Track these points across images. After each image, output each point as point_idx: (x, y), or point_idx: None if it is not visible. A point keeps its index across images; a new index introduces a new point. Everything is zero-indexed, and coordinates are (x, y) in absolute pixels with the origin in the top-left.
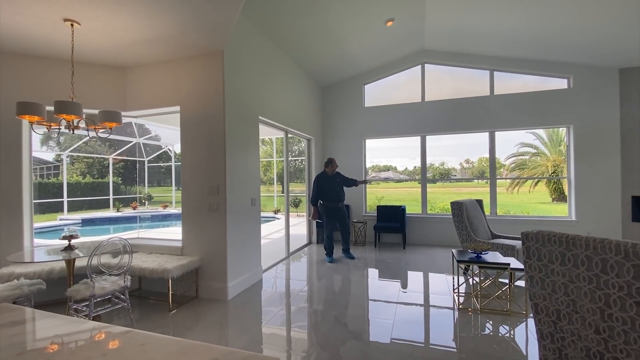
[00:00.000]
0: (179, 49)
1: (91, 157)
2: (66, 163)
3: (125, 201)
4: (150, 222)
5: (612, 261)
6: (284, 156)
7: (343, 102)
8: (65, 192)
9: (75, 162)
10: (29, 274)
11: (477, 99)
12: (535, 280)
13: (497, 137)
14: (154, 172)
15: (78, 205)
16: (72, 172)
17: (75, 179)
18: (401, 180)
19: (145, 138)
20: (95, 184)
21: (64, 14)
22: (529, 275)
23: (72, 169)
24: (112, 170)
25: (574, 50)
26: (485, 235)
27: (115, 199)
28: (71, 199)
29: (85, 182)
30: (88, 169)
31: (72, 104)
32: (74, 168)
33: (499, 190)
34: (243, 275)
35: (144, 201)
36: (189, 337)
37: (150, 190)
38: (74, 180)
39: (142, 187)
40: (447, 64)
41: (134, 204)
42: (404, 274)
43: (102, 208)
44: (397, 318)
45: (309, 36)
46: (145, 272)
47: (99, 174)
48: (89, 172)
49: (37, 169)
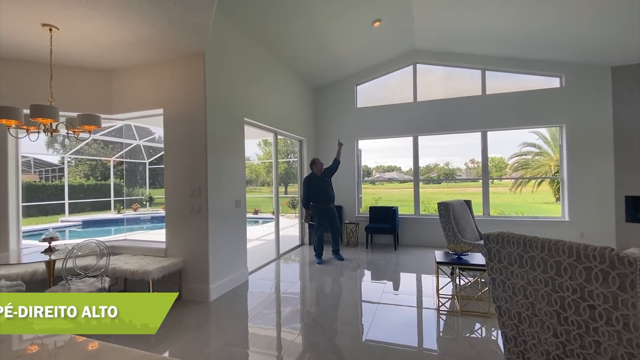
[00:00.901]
0: (160, 51)
1: (94, 159)
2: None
3: (127, 203)
4: (150, 223)
5: (565, 263)
6: (273, 158)
7: (335, 103)
8: (66, 194)
9: (79, 165)
10: (12, 275)
11: (469, 99)
12: (497, 282)
13: (500, 137)
14: (156, 174)
15: (81, 207)
16: (75, 175)
17: (78, 181)
18: (405, 181)
19: (145, 140)
20: (98, 186)
21: (41, 19)
22: (491, 277)
23: (76, 171)
24: (113, 173)
25: (566, 48)
26: (473, 236)
27: (116, 200)
28: (72, 200)
29: (89, 184)
30: (91, 171)
31: (48, 108)
32: (78, 170)
33: (502, 190)
34: (227, 276)
35: (145, 203)
36: (164, 338)
37: (152, 192)
38: (77, 183)
39: (144, 188)
40: (438, 63)
41: (135, 206)
42: (390, 276)
43: (104, 209)
44: (375, 319)
45: (296, 38)
46: (127, 274)
47: (102, 176)
48: (92, 175)
49: (42, 171)
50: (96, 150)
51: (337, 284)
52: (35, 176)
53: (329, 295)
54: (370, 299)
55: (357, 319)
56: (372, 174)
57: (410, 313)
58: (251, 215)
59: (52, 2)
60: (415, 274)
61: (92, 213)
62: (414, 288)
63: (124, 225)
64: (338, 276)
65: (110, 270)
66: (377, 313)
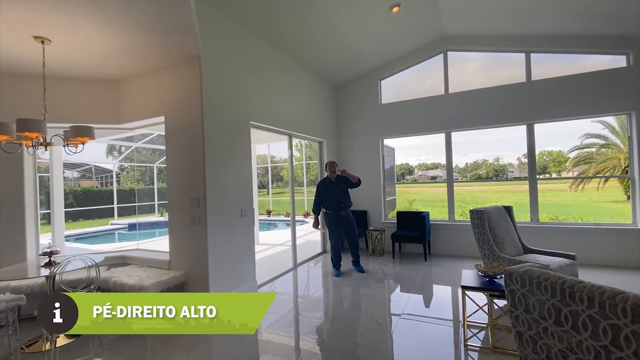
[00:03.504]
0: (156, 57)
1: (143, 165)
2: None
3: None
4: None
5: (627, 330)
6: (289, 161)
7: (358, 101)
8: (115, 198)
9: (129, 171)
10: (21, 287)
11: (510, 87)
12: (525, 339)
13: (559, 128)
14: None
15: (129, 211)
16: (127, 180)
17: (129, 186)
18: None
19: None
20: (146, 190)
21: (31, 31)
22: (516, 331)
23: (127, 176)
24: (157, 178)
25: (635, 19)
26: (514, 249)
27: (159, 204)
28: (120, 205)
29: (138, 189)
30: (141, 177)
31: (34, 122)
32: (129, 176)
33: (561, 187)
34: (231, 291)
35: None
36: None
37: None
38: (128, 187)
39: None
40: (472, 49)
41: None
42: (415, 291)
43: (149, 213)
44: (387, 349)
45: (306, 33)
46: (125, 288)
47: (150, 181)
48: (142, 179)
49: (100, 177)
50: (145, 157)
51: (349, 302)
52: (96, 182)
53: (338, 315)
54: (386, 322)
55: (364, 347)
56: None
57: (429, 348)
58: (265, 217)
59: (36, 15)
60: (445, 292)
61: (139, 216)
62: (438, 311)
63: (163, 228)
64: (352, 292)
65: (111, 284)
66: (390, 342)
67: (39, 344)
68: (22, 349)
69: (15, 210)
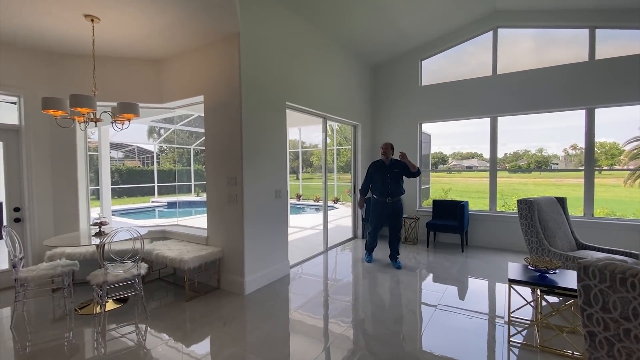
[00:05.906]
0: (197, 36)
1: (181, 147)
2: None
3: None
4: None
5: None
6: (323, 144)
7: (396, 82)
8: (155, 177)
9: (168, 152)
10: (75, 254)
11: (569, 68)
12: (599, 341)
13: (614, 116)
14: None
15: (168, 190)
16: (166, 161)
17: (168, 166)
18: (487, 169)
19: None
20: (184, 171)
21: (81, 9)
22: (587, 331)
23: (167, 158)
24: (193, 160)
25: None
26: (567, 244)
27: (196, 184)
28: (160, 184)
29: (177, 170)
30: (179, 158)
31: (85, 97)
32: (168, 157)
33: (613, 182)
34: (264, 270)
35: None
36: (187, 331)
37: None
38: (167, 168)
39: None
40: (527, 25)
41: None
42: (451, 283)
43: (187, 193)
44: (422, 343)
45: (347, 9)
46: (167, 261)
47: (187, 163)
48: (179, 161)
49: (141, 158)
50: (182, 139)
51: (380, 288)
52: (138, 162)
53: (367, 301)
54: (418, 313)
55: (399, 336)
56: (448, 162)
57: (468, 342)
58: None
59: None
60: (483, 285)
61: (177, 195)
62: (476, 304)
63: (199, 207)
64: (383, 280)
65: (154, 256)
66: (425, 332)
67: (90, 307)
68: (75, 311)
69: (70, 183)
